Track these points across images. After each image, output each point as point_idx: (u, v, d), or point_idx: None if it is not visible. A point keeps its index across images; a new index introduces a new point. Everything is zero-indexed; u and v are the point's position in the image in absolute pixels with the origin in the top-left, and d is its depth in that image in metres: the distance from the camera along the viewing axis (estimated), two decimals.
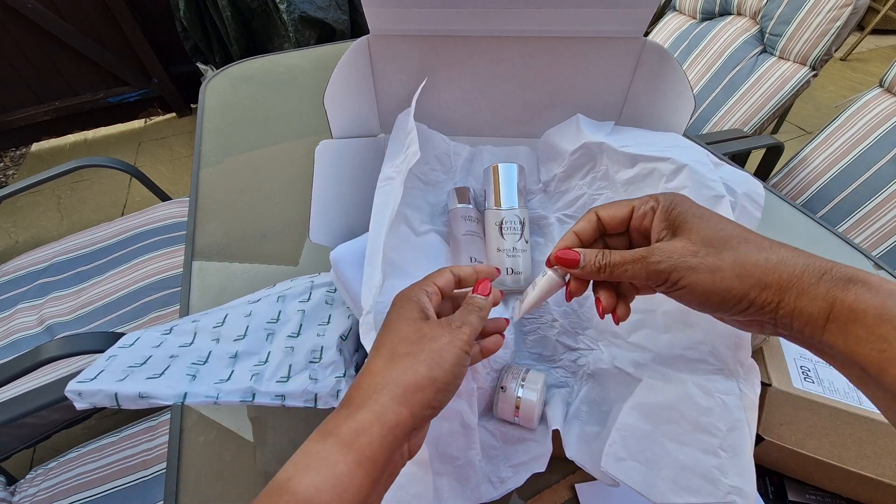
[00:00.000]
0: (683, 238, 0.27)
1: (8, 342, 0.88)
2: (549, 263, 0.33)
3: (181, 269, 0.94)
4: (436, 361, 0.27)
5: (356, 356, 0.44)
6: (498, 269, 0.37)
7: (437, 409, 0.27)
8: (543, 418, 0.41)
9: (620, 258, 0.28)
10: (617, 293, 0.32)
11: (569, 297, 0.32)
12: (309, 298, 0.47)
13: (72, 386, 0.33)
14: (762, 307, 0.24)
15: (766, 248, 0.25)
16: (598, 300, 0.32)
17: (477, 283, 0.34)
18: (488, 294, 0.33)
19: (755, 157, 1.02)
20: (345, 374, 0.40)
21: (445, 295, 0.33)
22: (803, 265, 0.24)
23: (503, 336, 0.36)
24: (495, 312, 0.47)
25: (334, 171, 0.49)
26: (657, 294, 0.30)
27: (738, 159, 0.93)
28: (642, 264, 0.27)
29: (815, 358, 0.42)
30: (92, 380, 0.34)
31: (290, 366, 0.40)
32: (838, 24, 0.95)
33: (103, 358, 0.37)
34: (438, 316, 0.32)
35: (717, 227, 0.27)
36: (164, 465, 0.60)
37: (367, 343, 0.36)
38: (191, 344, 0.41)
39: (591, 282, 0.33)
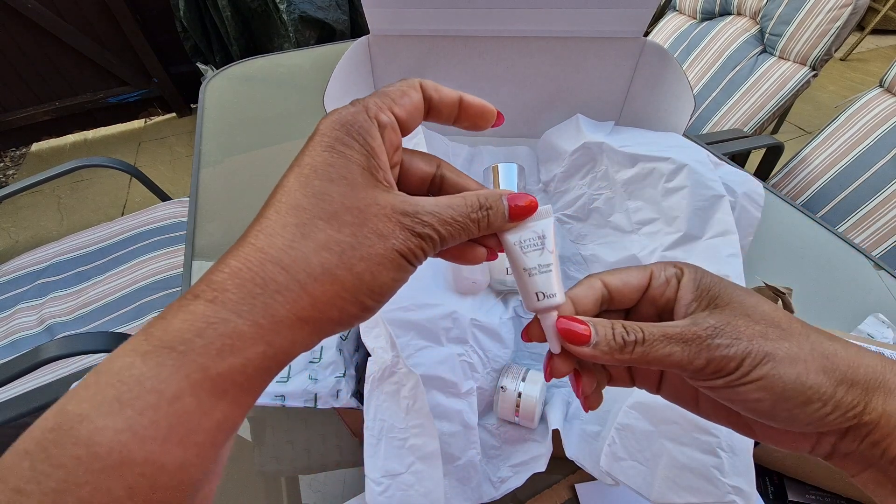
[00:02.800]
0: (738, 314, 0.20)
1: (8, 342, 0.88)
2: (527, 336, 0.23)
3: (181, 269, 0.94)
4: (367, 274, 0.17)
5: (356, 356, 0.44)
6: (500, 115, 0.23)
7: (341, 328, 0.18)
8: (543, 418, 0.41)
9: (660, 333, 0.20)
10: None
11: (548, 376, 0.23)
12: None
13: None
14: (846, 412, 0.18)
15: (832, 337, 0.20)
16: (577, 376, 0.23)
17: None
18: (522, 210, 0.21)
19: (755, 157, 1.02)
20: (344, 374, 0.40)
21: (408, 130, 0.21)
22: (880, 360, 0.19)
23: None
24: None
25: None
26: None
27: (738, 159, 0.93)
28: (698, 346, 0.19)
29: None
30: None
31: (290, 366, 0.40)
32: (838, 24, 0.95)
33: None
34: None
35: (771, 307, 0.20)
36: None
37: (368, 342, 0.36)
38: None
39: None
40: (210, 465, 0.15)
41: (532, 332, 0.23)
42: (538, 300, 0.22)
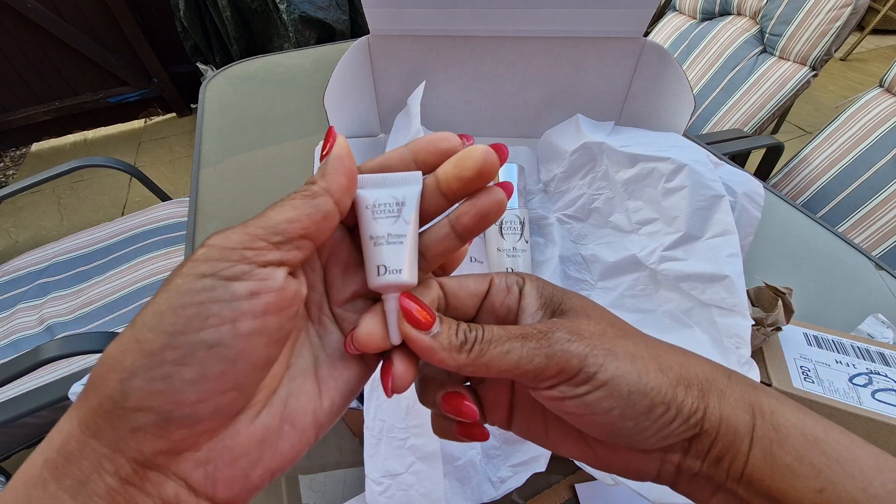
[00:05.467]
0: (580, 316, 0.19)
1: (8, 342, 0.88)
2: (351, 346, 0.19)
3: None
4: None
5: None
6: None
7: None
8: None
9: (503, 333, 0.18)
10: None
11: (388, 389, 0.19)
12: None
13: (75, 388, 0.34)
14: (688, 418, 0.17)
15: (662, 341, 0.19)
16: (456, 399, 0.20)
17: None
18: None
19: (755, 157, 1.02)
20: None
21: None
22: (707, 362, 0.19)
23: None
24: None
25: None
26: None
27: (738, 159, 0.93)
28: (538, 342, 0.17)
29: (816, 358, 0.42)
30: None
31: None
32: (838, 24, 0.96)
33: None
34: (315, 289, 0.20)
35: (609, 313, 0.20)
36: None
37: None
38: None
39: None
40: None
41: (360, 335, 0.18)
42: (379, 274, 0.18)
